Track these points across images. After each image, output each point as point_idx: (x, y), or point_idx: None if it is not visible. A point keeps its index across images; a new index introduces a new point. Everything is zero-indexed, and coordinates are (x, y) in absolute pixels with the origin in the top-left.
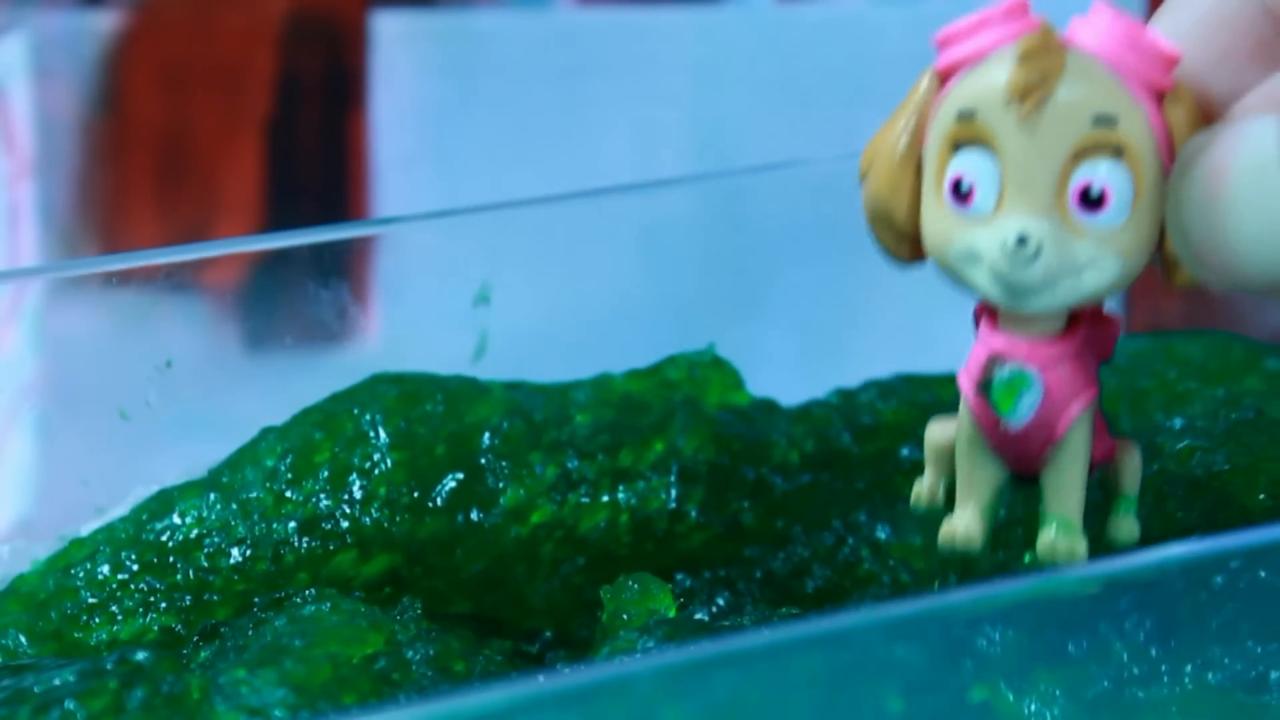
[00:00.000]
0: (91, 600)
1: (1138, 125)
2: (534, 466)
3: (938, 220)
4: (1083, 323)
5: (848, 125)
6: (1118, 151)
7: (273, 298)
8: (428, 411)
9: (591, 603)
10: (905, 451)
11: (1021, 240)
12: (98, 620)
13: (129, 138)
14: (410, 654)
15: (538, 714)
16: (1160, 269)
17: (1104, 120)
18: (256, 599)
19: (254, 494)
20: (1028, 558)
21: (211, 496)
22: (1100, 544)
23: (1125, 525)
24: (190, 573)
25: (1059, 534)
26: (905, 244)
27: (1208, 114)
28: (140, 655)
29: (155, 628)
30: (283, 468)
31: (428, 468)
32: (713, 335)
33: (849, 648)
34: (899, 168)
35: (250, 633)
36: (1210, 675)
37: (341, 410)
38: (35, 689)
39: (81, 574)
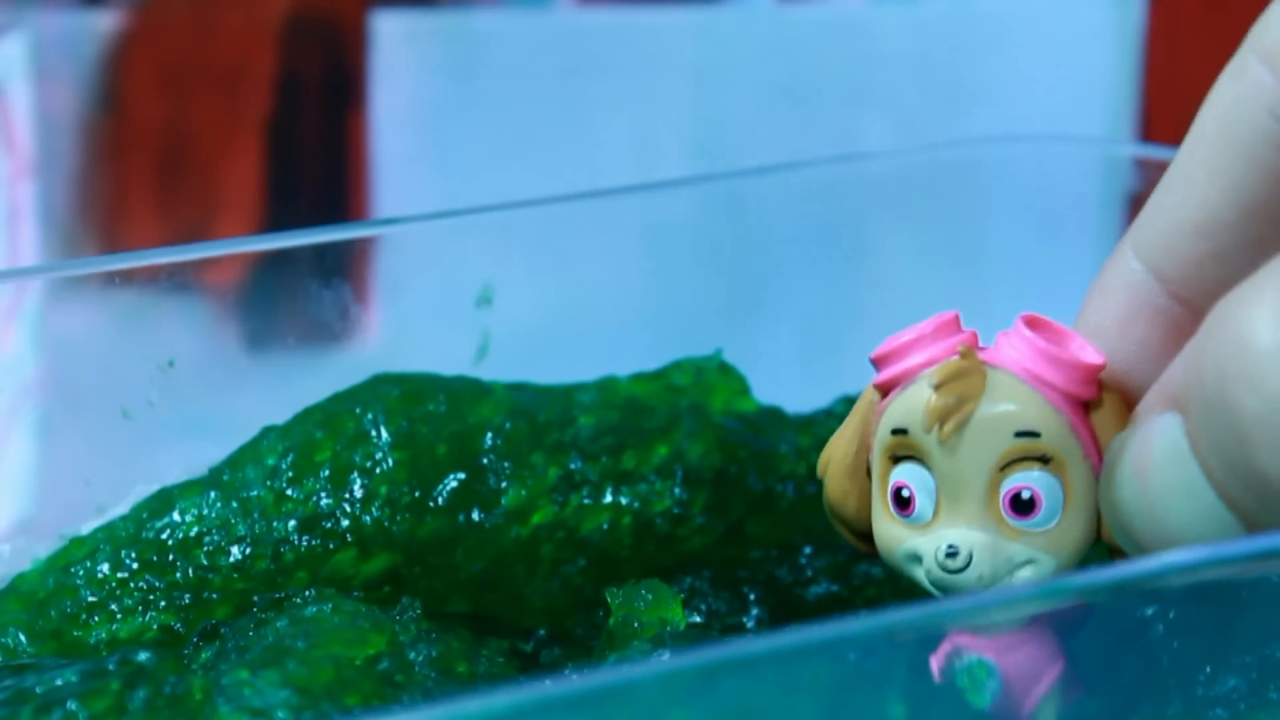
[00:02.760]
0: (91, 599)
1: (1060, 435)
2: (536, 467)
3: (884, 524)
4: None
5: (848, 125)
6: (1044, 460)
7: (274, 298)
8: (430, 411)
9: (590, 603)
10: None
11: (951, 552)
12: (98, 619)
13: (129, 138)
14: (413, 655)
15: (543, 718)
16: (1109, 550)
17: (1026, 434)
18: (256, 597)
19: (254, 492)
20: None
21: (212, 495)
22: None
23: None
24: (190, 571)
25: None
26: (863, 540)
27: (1132, 407)
28: (143, 656)
29: (155, 626)
30: (283, 466)
31: (429, 467)
32: (714, 337)
33: (853, 653)
34: (848, 474)
35: (252, 633)
36: (1214, 681)
37: (343, 409)
38: (37, 689)
39: (81, 573)
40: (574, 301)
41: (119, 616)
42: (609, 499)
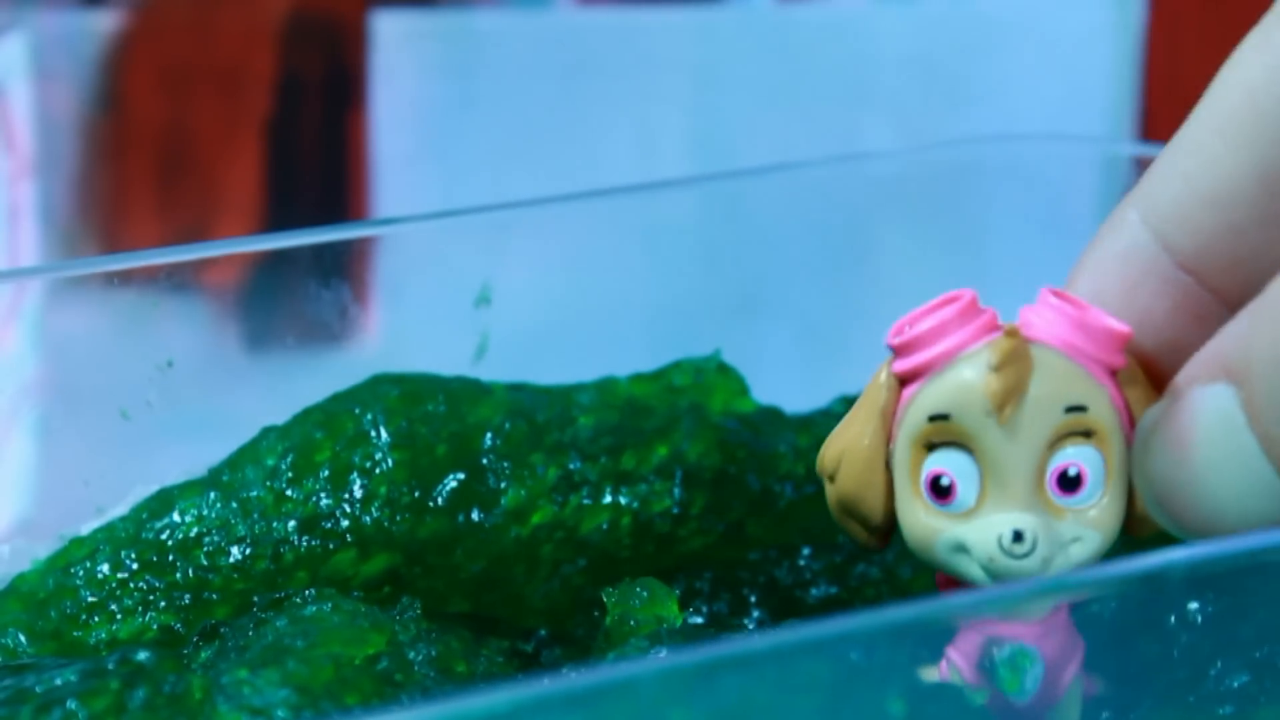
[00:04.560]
0: (91, 599)
1: (1104, 407)
2: (535, 467)
3: (918, 516)
4: None
5: (848, 125)
6: (1088, 434)
7: (273, 298)
8: (429, 411)
9: (590, 603)
10: None
11: (1018, 536)
12: (97, 619)
13: (129, 138)
14: (412, 655)
15: (542, 717)
16: (1129, 524)
17: (1076, 409)
18: (256, 598)
19: (254, 493)
20: None
21: (211, 495)
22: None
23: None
24: (190, 571)
25: None
26: (875, 537)
27: (1155, 378)
28: (142, 655)
29: (155, 626)
30: (283, 467)
31: (428, 468)
32: (714, 337)
33: (853, 651)
34: (868, 466)
35: (251, 633)
36: (1213, 678)
37: (342, 410)
38: (37, 689)
39: (81, 573)
40: (574, 302)
41: (119, 617)
42: (608, 499)
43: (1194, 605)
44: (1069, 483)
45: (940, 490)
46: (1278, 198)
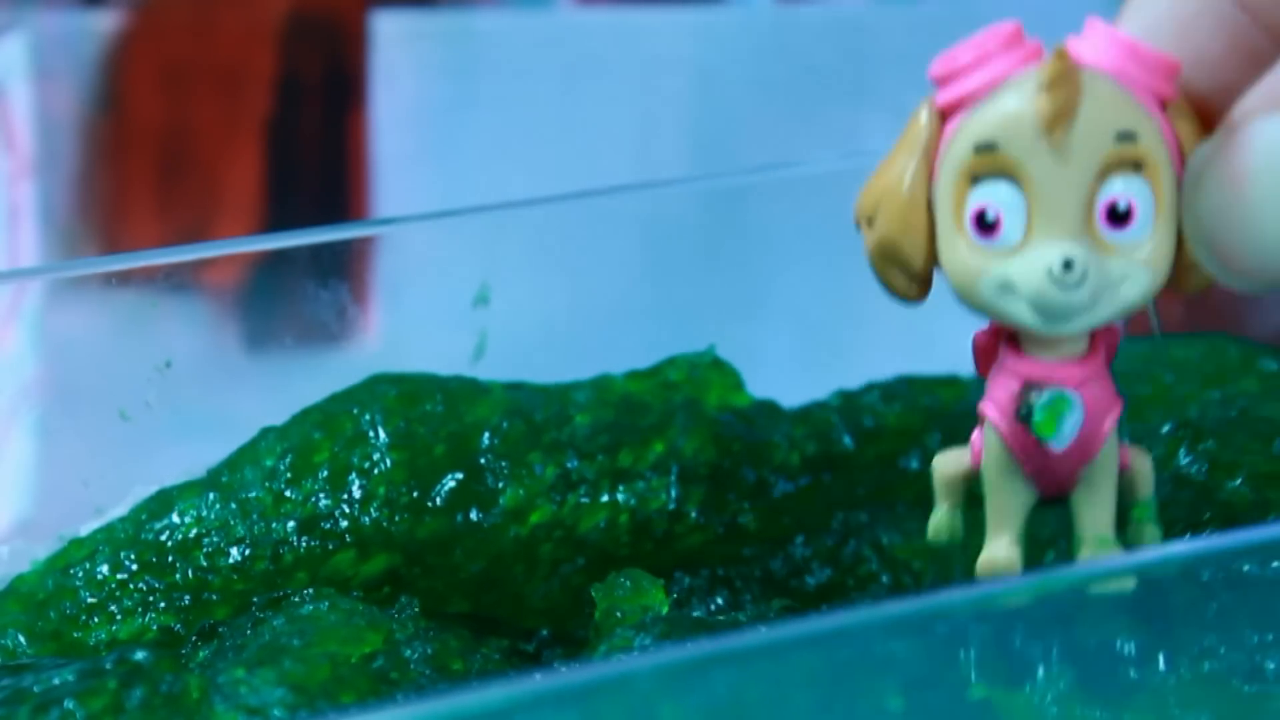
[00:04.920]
0: (90, 600)
1: (1154, 138)
2: (533, 466)
3: (962, 255)
4: (1101, 338)
5: (848, 125)
6: (1138, 166)
7: (273, 298)
8: (427, 411)
9: (590, 602)
10: (907, 454)
11: (1068, 265)
12: (97, 620)
13: (129, 138)
14: (408, 653)
15: (536, 712)
16: (1173, 277)
17: (1126, 136)
18: (255, 598)
19: (253, 494)
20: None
21: (210, 496)
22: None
23: (1148, 531)
24: (189, 572)
25: (1098, 550)
26: (916, 285)
27: (1206, 114)
28: (139, 655)
29: (154, 627)
30: (282, 467)
31: (427, 468)
32: (713, 336)
33: (848, 645)
34: (909, 207)
35: (249, 632)
36: (1210, 672)
37: (341, 410)
38: (35, 689)
39: (80, 574)
40: (573, 302)
41: (118, 618)
42: (606, 497)
43: (1192, 598)
44: (1118, 217)
45: (985, 225)
46: None
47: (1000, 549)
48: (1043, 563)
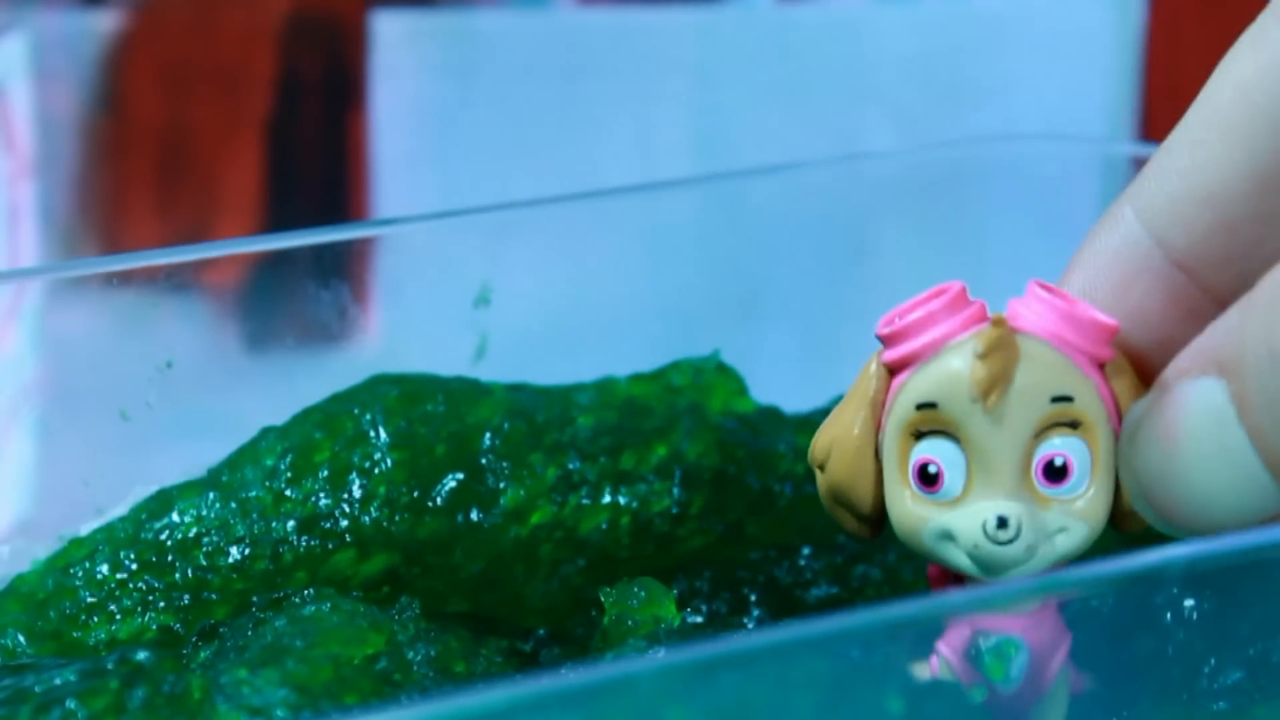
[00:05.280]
0: (91, 600)
1: (1090, 398)
2: (535, 467)
3: (906, 505)
4: None
5: (848, 125)
6: (1074, 425)
7: (273, 298)
8: (428, 412)
9: (589, 603)
10: None
11: (1002, 522)
12: (97, 620)
13: (129, 138)
14: (411, 654)
15: (540, 714)
16: (1114, 519)
17: (1061, 399)
18: (255, 598)
19: (253, 493)
20: None
21: (210, 496)
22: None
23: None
24: (189, 572)
25: None
26: (866, 525)
27: (1142, 371)
28: (141, 655)
29: (154, 627)
30: (282, 467)
31: (428, 468)
32: (714, 337)
33: (852, 649)
34: (858, 455)
35: (250, 633)
36: (1210, 674)
37: (342, 410)
38: (36, 689)
39: (81, 574)
40: (573, 302)
41: (118, 617)
42: (607, 499)
43: (1189, 603)
44: (1055, 473)
45: (928, 478)
46: (1270, 195)
47: None
48: None
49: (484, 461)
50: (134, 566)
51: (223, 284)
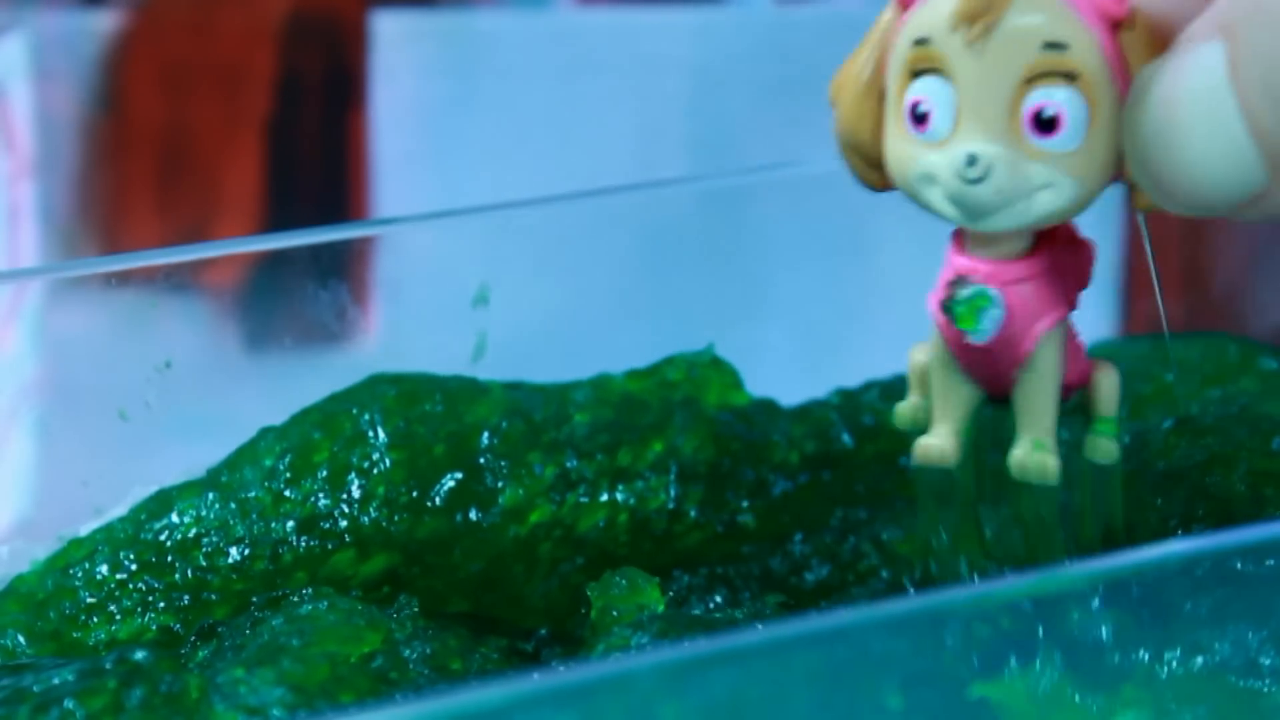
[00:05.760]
0: (90, 600)
1: (1089, 52)
2: (533, 466)
3: (898, 144)
4: (1049, 244)
5: None
6: (1070, 77)
7: (272, 298)
8: (427, 411)
9: (589, 602)
10: (906, 452)
11: (971, 160)
12: (96, 620)
13: (129, 138)
14: (407, 653)
15: (535, 712)
16: (1127, 192)
17: (1054, 46)
18: (254, 598)
19: (252, 493)
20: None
21: (210, 496)
22: (1082, 464)
23: (1103, 446)
24: (188, 572)
25: (1030, 451)
26: (874, 170)
27: (1166, 38)
28: (139, 655)
29: (153, 627)
30: (281, 467)
31: (426, 467)
32: (712, 335)
33: (847, 644)
34: (863, 96)
35: (248, 632)
36: (1206, 669)
37: (340, 410)
38: (34, 688)
39: (80, 574)
40: (573, 302)
41: (118, 618)
42: (605, 497)
43: (1191, 599)
44: (1045, 124)
45: (918, 117)
46: None
47: (937, 437)
48: (986, 460)
49: (482, 461)
50: (133, 567)
51: (222, 284)
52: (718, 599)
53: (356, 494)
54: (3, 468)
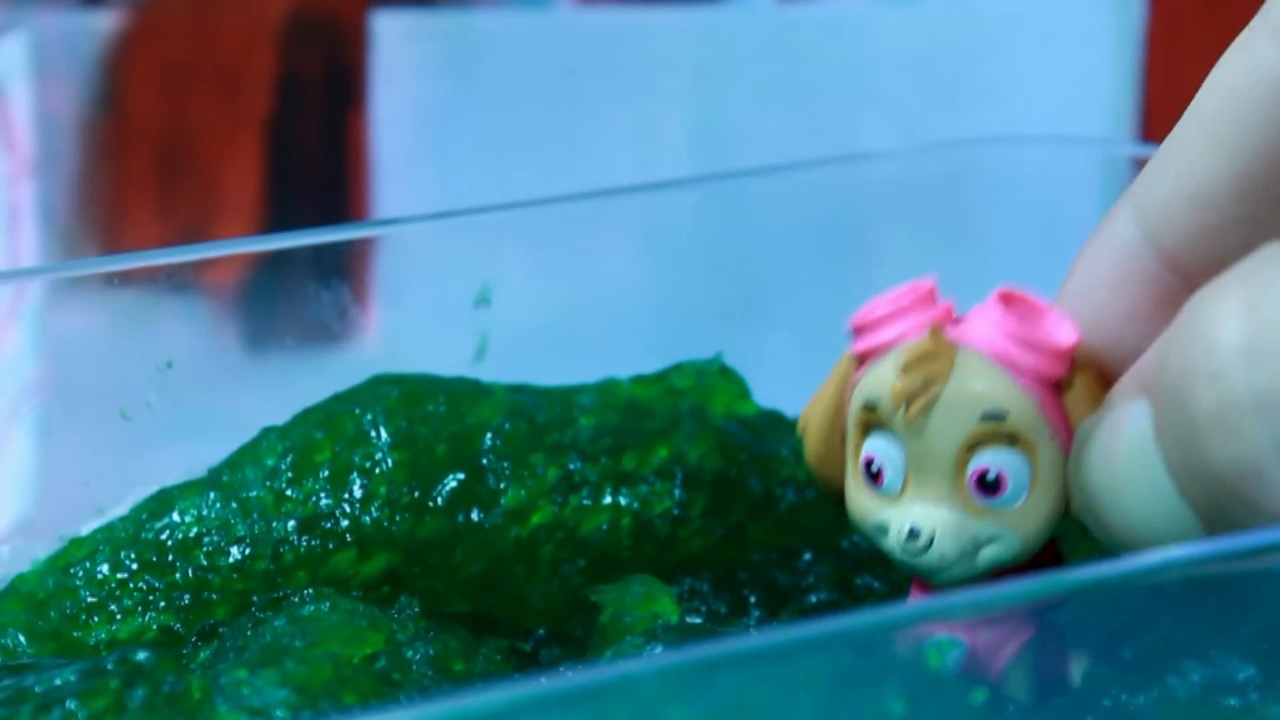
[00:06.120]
0: (91, 600)
1: (1029, 415)
2: (536, 468)
3: (856, 494)
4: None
5: (848, 125)
6: (1011, 440)
7: (273, 298)
8: (429, 412)
9: (590, 603)
10: None
11: (913, 535)
12: (97, 619)
13: (129, 138)
14: (410, 654)
15: (541, 715)
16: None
17: (993, 416)
18: (255, 598)
19: (254, 493)
20: None
21: (211, 496)
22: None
23: None
24: (189, 572)
25: None
26: (842, 500)
27: (1109, 384)
28: (141, 655)
29: (154, 627)
30: (283, 467)
31: (428, 468)
32: (714, 338)
33: (852, 650)
34: (825, 439)
35: (250, 633)
36: (1209, 677)
37: (342, 410)
38: (36, 689)
39: (81, 574)
40: (574, 302)
41: (118, 617)
42: (608, 500)
43: (1179, 609)
44: (988, 485)
45: (872, 473)
46: (1252, 200)
47: None
48: None
49: (485, 462)
50: (134, 566)
51: (223, 284)
52: (720, 607)
53: (358, 494)
54: (3, 467)
